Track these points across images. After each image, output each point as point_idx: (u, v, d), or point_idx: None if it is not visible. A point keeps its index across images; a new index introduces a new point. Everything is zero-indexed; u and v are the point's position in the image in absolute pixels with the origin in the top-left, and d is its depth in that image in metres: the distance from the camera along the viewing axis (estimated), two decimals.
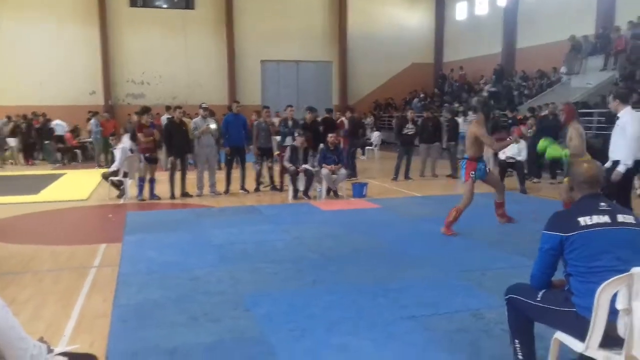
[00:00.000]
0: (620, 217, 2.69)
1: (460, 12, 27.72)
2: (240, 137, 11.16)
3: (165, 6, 25.87)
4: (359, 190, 10.64)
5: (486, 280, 5.09)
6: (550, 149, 7.37)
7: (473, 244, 6.67)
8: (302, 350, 3.68)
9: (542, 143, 7.50)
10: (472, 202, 7.22)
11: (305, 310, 4.42)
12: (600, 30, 17.92)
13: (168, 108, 15.18)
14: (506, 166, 11.17)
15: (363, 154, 18.60)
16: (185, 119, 14.21)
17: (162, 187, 10.81)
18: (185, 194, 10.69)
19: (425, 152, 13.40)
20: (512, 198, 10.14)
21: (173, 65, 25.16)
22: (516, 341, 3.01)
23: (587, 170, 2.85)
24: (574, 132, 7.27)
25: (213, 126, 11.08)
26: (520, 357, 2.99)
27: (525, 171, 11.51)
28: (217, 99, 23.55)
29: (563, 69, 18.93)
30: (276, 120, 13.61)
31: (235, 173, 11.40)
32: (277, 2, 25.91)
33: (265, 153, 11.32)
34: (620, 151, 6.14)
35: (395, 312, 4.33)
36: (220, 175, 11.46)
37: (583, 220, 2.66)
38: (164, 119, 15.01)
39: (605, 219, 2.67)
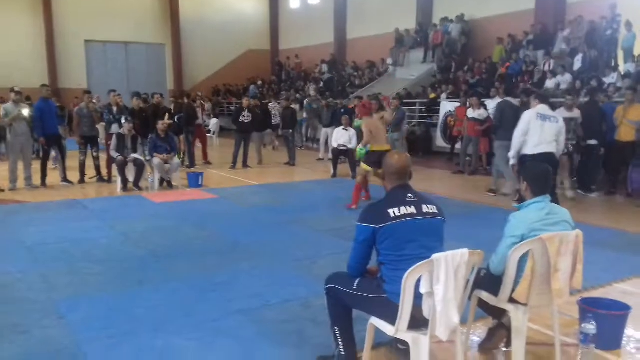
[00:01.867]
0: (425, 208, 2.88)
1: (294, 1, 28.21)
2: (54, 124, 10.13)
3: None
4: (195, 180, 10.31)
5: (316, 268, 5.20)
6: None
7: (307, 231, 6.79)
8: (120, 358, 3.42)
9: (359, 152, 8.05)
10: (307, 190, 7.36)
11: (128, 313, 4.13)
12: (420, 26, 19.46)
13: None
14: (338, 154, 11.63)
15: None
16: None
17: None
18: None
19: (259, 140, 13.45)
20: (344, 184, 10.64)
21: None
22: (336, 328, 3.11)
23: (397, 162, 3.01)
24: (365, 127, 7.84)
25: (26, 112, 9.89)
26: (340, 342, 3.08)
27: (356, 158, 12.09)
28: (37, 82, 21.14)
29: (389, 61, 20.26)
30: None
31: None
32: None
33: (89, 141, 10.44)
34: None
35: (225, 307, 4.23)
36: (36, 166, 10.32)
37: (392, 212, 2.81)
38: None
39: (412, 209, 2.84)
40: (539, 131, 6.78)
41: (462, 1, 18.03)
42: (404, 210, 2.82)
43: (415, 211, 2.84)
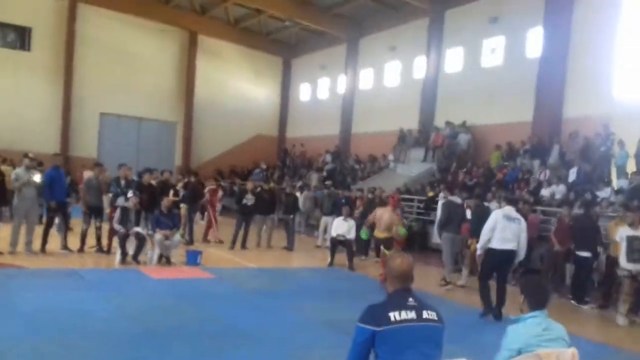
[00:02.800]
0: (425, 314, 2.94)
1: (304, 93, 29.58)
2: (62, 192, 10.40)
3: None
4: (193, 258, 10.40)
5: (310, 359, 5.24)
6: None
7: (304, 320, 6.83)
8: None
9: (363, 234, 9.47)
10: (304, 277, 7.47)
11: None
12: (422, 127, 20.30)
13: None
14: (336, 243, 11.79)
15: (202, 218, 18.31)
16: (5, 167, 12.95)
17: None
18: None
19: (261, 223, 13.62)
20: (340, 275, 10.73)
21: None
22: None
23: (399, 265, 3.08)
24: (396, 219, 8.31)
25: (37, 178, 10.18)
26: None
27: (354, 249, 12.23)
28: (47, 148, 21.75)
29: (391, 157, 20.95)
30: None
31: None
32: (123, 54, 25.13)
33: (94, 212, 10.65)
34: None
35: None
36: (39, 231, 10.43)
37: (393, 316, 2.86)
38: None
39: (412, 315, 2.89)
40: (504, 230, 7.46)
41: (463, 108, 18.94)
42: (404, 315, 2.86)
43: (415, 317, 2.88)
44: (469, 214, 10.92)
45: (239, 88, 28.92)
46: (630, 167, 13.30)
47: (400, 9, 22.28)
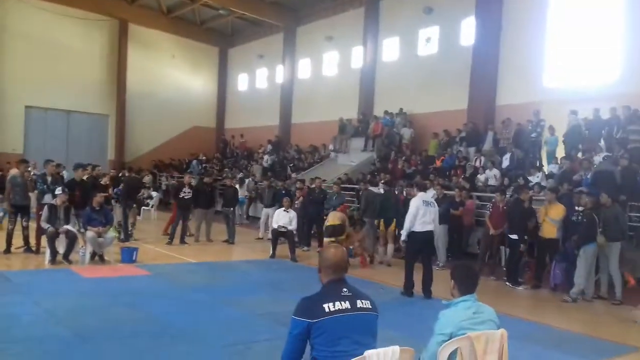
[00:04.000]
0: (360, 303, 2.96)
1: (242, 84, 29.14)
2: None
3: None
4: (128, 255, 10.00)
5: (251, 354, 5.12)
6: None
7: (243, 314, 6.69)
8: None
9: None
10: (245, 270, 7.32)
11: None
12: (361, 116, 20.43)
13: None
14: (278, 235, 11.67)
15: (139, 214, 17.71)
16: None
17: None
18: None
19: (201, 217, 13.30)
20: (282, 266, 10.63)
21: None
22: None
23: (332, 256, 3.10)
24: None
25: None
26: None
27: (296, 239, 12.16)
28: None
29: (331, 147, 20.98)
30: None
31: None
32: (48, 45, 23.77)
33: (20, 210, 10.04)
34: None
35: None
36: None
37: (327, 307, 2.86)
38: None
39: (346, 304, 2.90)
40: (424, 215, 8.15)
41: (401, 97, 19.19)
42: (338, 305, 2.87)
43: (349, 306, 2.89)
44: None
45: (174, 79, 28.13)
46: (560, 152, 13.88)
47: None
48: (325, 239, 10.29)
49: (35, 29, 23.50)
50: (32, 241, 10.25)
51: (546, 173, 13.25)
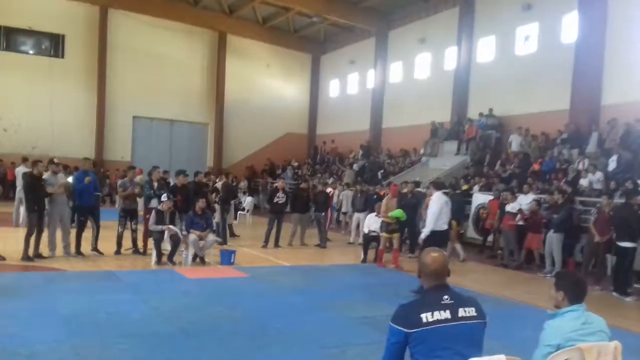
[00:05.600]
0: (462, 312, 2.81)
1: (333, 90, 29.48)
2: (90, 195, 10.51)
3: (31, 52, 24.34)
4: (227, 258, 10.45)
5: (346, 358, 5.16)
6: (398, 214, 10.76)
7: (337, 317, 6.75)
8: None
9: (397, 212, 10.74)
10: (337, 274, 7.40)
11: None
12: (455, 119, 19.95)
13: (25, 159, 14.00)
14: (369, 239, 11.67)
15: (235, 218, 18.45)
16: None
17: (7, 246, 9.79)
18: (38, 255, 9.77)
19: (297, 222, 13.60)
20: (374, 271, 10.62)
21: (35, 113, 23.35)
22: None
23: (432, 263, 2.97)
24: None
25: (69, 180, 10.40)
26: None
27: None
28: (82, 153, 22.21)
29: (423, 150, 20.66)
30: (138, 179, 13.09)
31: (87, 233, 10.64)
32: (153, 58, 25.50)
33: (129, 214, 10.81)
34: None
35: None
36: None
37: (425, 317, 2.75)
38: (19, 170, 13.83)
39: (446, 314, 2.77)
40: (446, 214, 8.49)
41: (497, 98, 18.53)
42: (437, 315, 2.75)
43: (450, 316, 2.76)
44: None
45: (268, 86, 29.01)
46: None
47: (429, 0, 21.97)
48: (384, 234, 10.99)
49: (140, 42, 25.24)
50: (140, 243, 11.00)
51: None
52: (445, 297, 2.85)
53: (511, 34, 18.68)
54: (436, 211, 8.26)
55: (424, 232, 8.45)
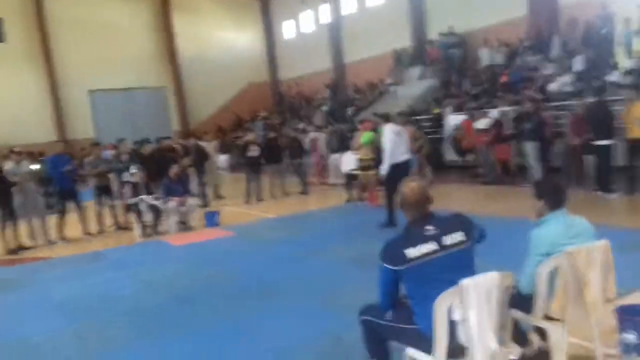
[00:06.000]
0: (448, 239, 2.75)
1: (288, 32, 28.68)
2: (68, 178, 10.21)
3: None
4: (211, 219, 10.36)
5: (342, 300, 5.17)
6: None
7: (328, 263, 6.76)
8: None
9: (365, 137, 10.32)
10: (322, 219, 7.37)
11: None
12: (415, 43, 19.65)
13: None
14: (350, 178, 11.64)
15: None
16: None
17: None
18: (21, 247, 9.56)
19: (272, 173, 13.50)
20: (358, 209, 10.66)
21: None
22: None
23: (411, 193, 2.89)
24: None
25: (35, 167, 10.08)
26: None
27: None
28: (46, 137, 21.65)
29: (389, 80, 20.43)
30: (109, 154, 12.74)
31: (74, 217, 10.44)
32: (98, 28, 24.42)
33: (103, 191, 10.56)
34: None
35: (255, 349, 4.24)
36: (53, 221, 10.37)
37: (410, 253, 2.70)
38: None
39: (432, 246, 2.72)
40: (399, 144, 8.25)
41: (454, 14, 18.21)
42: (422, 249, 2.69)
43: (437, 247, 2.71)
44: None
45: (221, 39, 28.15)
46: (637, 45, 12.75)
47: None
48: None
49: (82, 13, 24.19)
50: (121, 218, 10.82)
51: (623, 70, 12.28)
52: (429, 227, 2.78)
53: None
54: (390, 146, 8.17)
55: (382, 168, 8.37)
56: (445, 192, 11.20)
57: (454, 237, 2.78)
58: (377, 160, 10.49)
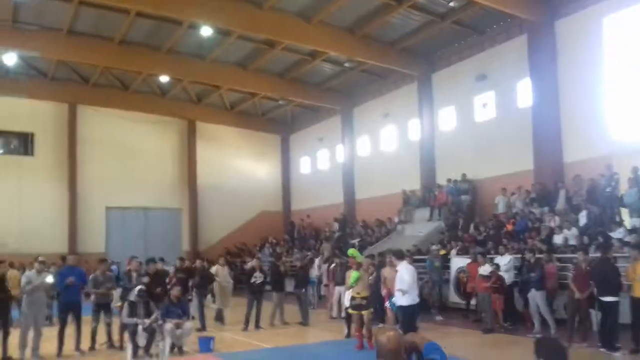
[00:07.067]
0: None
1: (304, 166, 29.93)
2: (76, 292, 10.21)
3: (0, 151, 24.39)
4: (206, 345, 10.14)
5: None
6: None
7: None
8: None
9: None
10: (321, 354, 7.20)
11: None
12: (424, 187, 20.34)
13: None
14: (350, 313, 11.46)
15: (214, 302, 17.96)
16: (13, 271, 12.80)
17: None
18: (7, 359, 9.30)
19: (278, 301, 13.35)
20: (355, 347, 10.36)
21: (3, 211, 22.86)
22: None
23: (386, 344, 3.00)
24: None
25: (49, 280, 10.11)
26: None
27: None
28: (56, 248, 21.79)
29: (397, 219, 20.85)
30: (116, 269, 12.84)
31: (69, 331, 10.23)
32: (124, 149, 25.69)
33: (102, 308, 10.49)
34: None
35: None
36: (50, 333, 10.16)
37: None
38: None
39: None
40: (414, 285, 8.06)
41: (462, 164, 19.05)
42: None
43: None
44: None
45: (240, 169, 29.28)
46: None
47: (389, 77, 23.04)
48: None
49: (111, 135, 25.44)
50: (115, 337, 10.59)
51: (628, 228, 12.50)
52: None
53: (469, 103, 19.53)
54: (408, 280, 7.87)
55: (401, 301, 7.92)
56: (446, 335, 10.93)
57: None
58: (371, 299, 10.25)
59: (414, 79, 21.61)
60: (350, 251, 10.29)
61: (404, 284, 7.84)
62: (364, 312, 10.09)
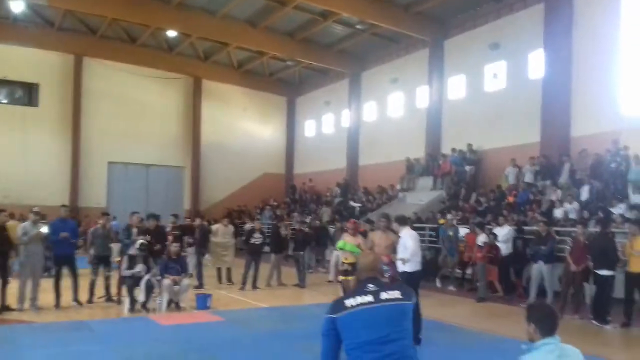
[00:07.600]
0: (384, 295, 3.04)
1: (309, 130, 29.77)
2: (68, 244, 10.25)
3: (4, 101, 24.24)
4: (203, 302, 10.23)
5: None
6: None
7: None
8: None
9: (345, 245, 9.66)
10: (316, 314, 7.25)
11: None
12: (429, 155, 20.21)
13: None
14: None
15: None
16: (13, 222, 12.87)
17: None
18: (5, 308, 9.44)
19: (276, 262, 13.47)
20: None
21: (7, 162, 22.93)
22: None
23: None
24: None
25: (44, 230, 10.15)
26: None
27: None
28: (57, 200, 21.87)
29: (399, 186, 20.80)
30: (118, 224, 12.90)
31: (67, 283, 10.34)
32: (129, 104, 25.53)
33: (101, 261, 10.57)
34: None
35: None
36: (48, 285, 10.26)
37: (348, 302, 3.01)
38: None
39: (369, 298, 3.01)
40: (417, 250, 7.83)
41: (469, 134, 18.86)
42: (360, 299, 2.99)
43: (372, 299, 2.99)
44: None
45: (244, 129, 29.15)
46: None
47: (401, 41, 22.57)
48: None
49: (115, 89, 25.27)
50: (113, 291, 10.72)
51: (631, 204, 12.41)
52: (371, 285, 3.10)
53: (480, 72, 19.17)
54: (414, 247, 7.67)
55: (411, 266, 7.63)
56: (441, 303, 11.03)
57: (391, 294, 3.07)
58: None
59: (426, 45, 21.19)
60: (340, 244, 10.07)
61: (406, 251, 7.70)
62: (349, 278, 10.07)
